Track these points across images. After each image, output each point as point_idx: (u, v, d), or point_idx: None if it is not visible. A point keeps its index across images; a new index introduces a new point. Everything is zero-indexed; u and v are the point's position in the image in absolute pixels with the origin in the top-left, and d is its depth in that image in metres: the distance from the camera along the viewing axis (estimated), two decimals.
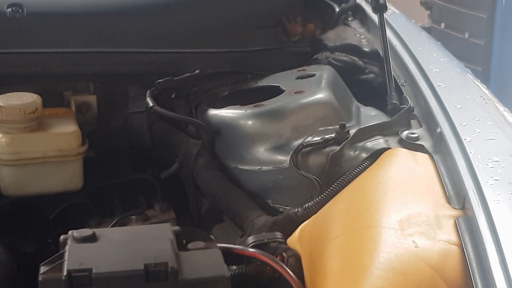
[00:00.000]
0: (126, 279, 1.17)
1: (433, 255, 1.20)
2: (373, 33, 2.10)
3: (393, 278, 1.16)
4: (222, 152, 1.81)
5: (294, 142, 1.68)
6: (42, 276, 1.18)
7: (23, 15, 2.04)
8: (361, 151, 1.57)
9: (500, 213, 1.23)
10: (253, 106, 1.78)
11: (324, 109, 1.72)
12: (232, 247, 1.38)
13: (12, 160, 1.82)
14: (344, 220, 1.33)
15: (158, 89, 2.02)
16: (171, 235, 1.27)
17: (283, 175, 1.64)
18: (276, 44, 2.23)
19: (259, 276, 1.35)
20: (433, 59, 1.93)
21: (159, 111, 1.93)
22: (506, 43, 4.18)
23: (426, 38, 2.19)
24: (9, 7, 2.04)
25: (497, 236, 1.18)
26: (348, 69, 2.02)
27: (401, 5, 2.52)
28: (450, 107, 1.58)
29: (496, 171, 1.35)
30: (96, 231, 1.28)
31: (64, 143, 1.85)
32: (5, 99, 1.83)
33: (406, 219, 1.26)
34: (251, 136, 1.73)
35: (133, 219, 1.90)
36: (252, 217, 1.57)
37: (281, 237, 1.42)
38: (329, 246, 1.28)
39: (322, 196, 1.49)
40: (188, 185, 1.86)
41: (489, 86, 2.07)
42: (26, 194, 1.87)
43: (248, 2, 2.20)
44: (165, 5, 2.18)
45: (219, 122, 1.82)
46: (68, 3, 2.15)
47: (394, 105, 1.72)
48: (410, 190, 1.37)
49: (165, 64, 2.12)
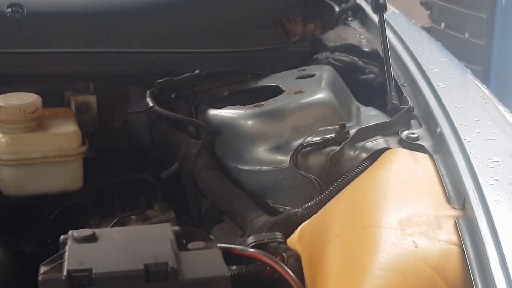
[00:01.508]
0: (126, 279, 1.17)
1: (433, 255, 1.20)
2: (373, 33, 2.10)
3: (393, 278, 1.16)
4: (222, 152, 1.81)
5: (294, 142, 1.68)
6: (42, 276, 1.18)
7: (23, 15, 2.04)
8: (361, 151, 1.57)
9: (500, 213, 1.23)
10: (253, 106, 1.78)
11: (324, 109, 1.72)
12: (232, 247, 1.38)
13: (12, 160, 1.82)
14: (344, 220, 1.33)
15: (158, 89, 2.02)
16: (171, 235, 1.27)
17: (283, 175, 1.64)
18: (276, 44, 2.23)
19: (259, 276, 1.35)
20: (433, 59, 1.93)
21: (159, 111, 1.93)
22: (506, 43, 4.17)
23: (426, 38, 2.19)
24: (9, 7, 2.04)
25: (497, 236, 1.18)
26: (348, 69, 2.02)
27: (401, 5, 2.52)
28: (450, 107, 1.58)
29: (496, 171, 1.35)
30: (96, 231, 1.28)
31: (64, 143, 1.85)
32: (5, 99, 1.83)
33: (406, 219, 1.26)
34: (251, 136, 1.73)
35: (133, 219, 1.90)
36: (252, 217, 1.57)
37: (281, 237, 1.42)
38: (329, 246, 1.28)
39: (322, 196, 1.49)
40: (188, 185, 1.86)
41: (489, 86, 2.06)
42: (26, 194, 1.87)
43: (248, 2, 2.20)
44: (165, 5, 2.18)
45: (219, 122, 1.82)
46: (68, 3, 2.15)
47: (394, 105, 1.71)
48: (410, 190, 1.37)
49: (165, 64, 2.12)
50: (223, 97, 1.98)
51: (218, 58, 2.08)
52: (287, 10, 2.25)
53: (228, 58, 2.15)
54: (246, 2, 2.18)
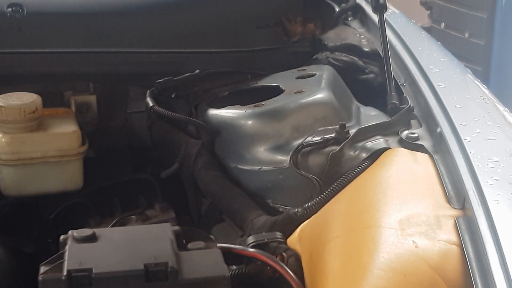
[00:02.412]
0: (126, 279, 1.17)
1: (433, 255, 1.20)
2: (373, 33, 2.10)
3: (393, 278, 1.16)
4: (222, 152, 1.81)
5: (294, 142, 1.68)
6: (42, 276, 1.18)
7: (23, 15, 2.04)
8: (361, 151, 1.57)
9: (500, 213, 1.23)
10: (253, 106, 1.78)
11: (324, 109, 1.72)
12: (232, 247, 1.38)
13: (12, 160, 1.82)
14: (344, 220, 1.33)
15: (158, 89, 2.02)
16: (171, 235, 1.27)
17: (283, 175, 1.64)
18: (276, 44, 2.23)
19: (259, 276, 1.35)
20: (433, 59, 1.93)
21: (159, 111, 1.93)
22: (506, 43, 4.17)
23: (426, 38, 2.19)
24: (9, 7, 2.04)
25: (497, 236, 1.18)
26: (348, 69, 2.02)
27: (401, 5, 2.52)
28: (450, 107, 1.58)
29: (496, 171, 1.35)
30: (96, 231, 1.28)
31: (64, 143, 1.85)
32: (5, 99, 1.83)
33: (406, 219, 1.26)
34: (251, 136, 1.73)
35: (133, 219, 1.90)
36: (252, 217, 1.57)
37: (281, 237, 1.42)
38: (329, 246, 1.28)
39: (322, 196, 1.49)
40: (188, 185, 1.86)
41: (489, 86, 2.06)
42: (26, 194, 1.87)
43: (248, 2, 2.20)
44: (165, 5, 2.18)
45: (219, 122, 1.82)
46: (68, 3, 2.15)
47: (394, 105, 1.72)
48: (410, 190, 1.37)
49: (165, 64, 2.12)
50: (223, 97, 1.98)
51: (218, 58, 2.08)
52: (287, 10, 2.25)
53: (228, 58, 2.15)
54: (246, 2, 2.18)
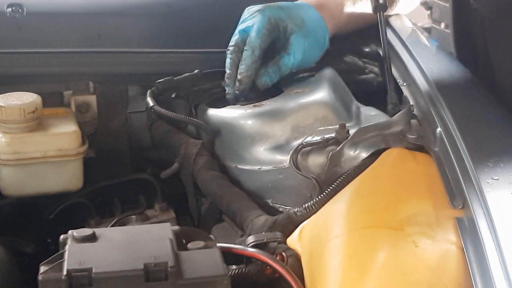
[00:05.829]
0: (126, 279, 1.17)
1: (433, 255, 1.20)
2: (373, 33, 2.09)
3: (393, 278, 1.16)
4: (222, 152, 1.81)
5: (294, 142, 1.68)
6: (42, 276, 1.18)
7: (23, 15, 2.04)
8: (361, 151, 1.57)
9: (500, 213, 1.23)
10: (253, 105, 1.78)
11: (324, 109, 1.72)
12: (232, 247, 1.38)
13: (12, 160, 1.82)
14: (344, 220, 1.33)
15: (158, 89, 2.02)
16: (171, 235, 1.27)
17: (283, 175, 1.64)
18: None
19: (259, 276, 1.35)
20: (433, 59, 1.93)
21: (159, 111, 1.93)
22: None
23: (426, 38, 2.19)
24: (9, 7, 2.04)
25: (497, 236, 1.18)
26: (348, 69, 2.02)
27: None
28: (450, 107, 1.58)
29: (496, 170, 1.35)
30: (96, 231, 1.28)
31: (64, 143, 1.85)
32: (5, 99, 1.83)
33: (406, 219, 1.26)
34: (251, 136, 1.73)
35: (133, 219, 1.90)
36: (252, 217, 1.57)
37: (281, 237, 1.42)
38: (329, 246, 1.28)
39: (322, 196, 1.49)
40: (188, 185, 1.86)
41: None
42: (26, 194, 1.87)
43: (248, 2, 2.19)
44: (165, 5, 2.18)
45: (219, 122, 1.82)
46: (68, 3, 2.15)
47: (394, 105, 1.72)
48: (410, 190, 1.37)
49: (165, 64, 2.12)
50: (223, 97, 1.98)
51: (218, 58, 2.08)
52: None
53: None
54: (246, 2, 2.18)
